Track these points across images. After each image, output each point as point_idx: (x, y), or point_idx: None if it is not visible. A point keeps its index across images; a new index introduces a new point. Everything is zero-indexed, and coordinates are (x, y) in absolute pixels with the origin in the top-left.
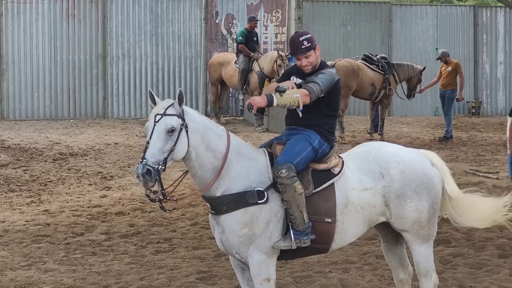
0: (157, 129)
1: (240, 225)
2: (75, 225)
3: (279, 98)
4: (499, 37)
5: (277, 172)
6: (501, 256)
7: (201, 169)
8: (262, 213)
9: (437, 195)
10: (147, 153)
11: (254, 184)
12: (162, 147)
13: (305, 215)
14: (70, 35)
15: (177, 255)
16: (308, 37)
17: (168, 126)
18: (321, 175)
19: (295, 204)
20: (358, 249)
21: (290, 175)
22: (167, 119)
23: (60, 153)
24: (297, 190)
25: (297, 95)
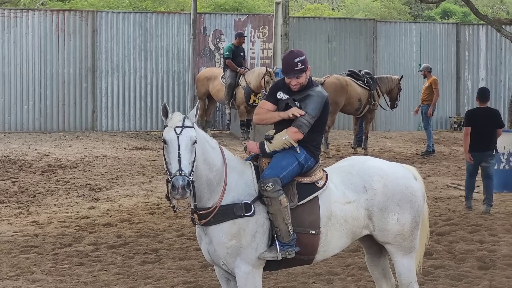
0: (182, 140)
1: (228, 236)
2: (63, 236)
3: (269, 145)
4: (481, 54)
5: (263, 185)
6: (481, 268)
7: (197, 182)
8: (249, 225)
9: (419, 208)
10: (182, 165)
11: (242, 196)
12: (189, 159)
13: (290, 228)
14: (60, 49)
15: (164, 265)
16: (302, 59)
17: (193, 137)
18: (306, 188)
19: (280, 216)
20: (341, 260)
21: (276, 189)
22: (189, 131)
23: (49, 165)
24: (283, 204)
25: (285, 137)
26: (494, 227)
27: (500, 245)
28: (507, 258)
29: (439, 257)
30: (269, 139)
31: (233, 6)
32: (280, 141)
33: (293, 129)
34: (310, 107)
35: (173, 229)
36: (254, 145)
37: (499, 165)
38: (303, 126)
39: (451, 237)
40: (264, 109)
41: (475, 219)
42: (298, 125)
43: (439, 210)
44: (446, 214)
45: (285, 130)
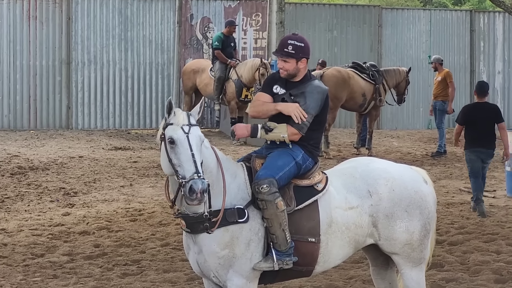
0: (193, 140)
1: (220, 245)
2: (34, 246)
3: (263, 134)
4: (498, 44)
5: (257, 187)
6: (497, 281)
7: None
8: (242, 232)
9: (430, 215)
10: (198, 166)
11: (234, 201)
12: (200, 159)
13: (287, 234)
14: (31, 38)
15: (146, 278)
16: (297, 45)
17: (202, 136)
18: (304, 191)
19: (277, 222)
20: (343, 273)
21: (272, 191)
22: (196, 129)
23: (19, 167)
24: (279, 207)
25: (284, 135)
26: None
27: None
28: None
29: (451, 269)
30: (267, 130)
31: None
32: (276, 136)
33: (293, 131)
34: (310, 106)
35: (157, 237)
36: (243, 128)
37: None
38: (304, 128)
39: (465, 247)
40: (261, 101)
41: (491, 227)
42: (300, 127)
43: (451, 217)
44: (459, 222)
45: (285, 126)
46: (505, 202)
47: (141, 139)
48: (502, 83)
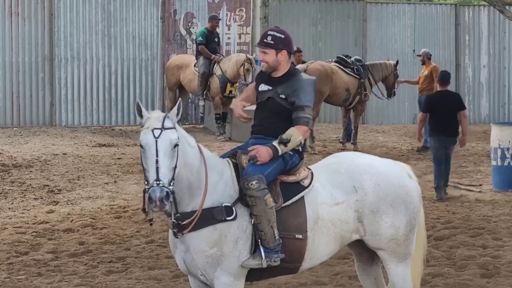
0: (161, 145)
1: (208, 244)
2: (18, 243)
3: (284, 148)
4: (483, 38)
5: (247, 183)
6: (484, 276)
7: (177, 186)
8: (230, 230)
9: (415, 210)
10: (160, 173)
11: (222, 199)
12: (169, 165)
13: (275, 231)
14: (13, 34)
15: (131, 275)
16: (277, 36)
17: (173, 141)
18: (291, 188)
19: (265, 219)
20: (329, 269)
21: (261, 187)
22: (169, 133)
23: (2, 165)
24: (268, 204)
25: (299, 138)
26: (498, 231)
27: (505, 250)
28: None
29: (437, 264)
30: (285, 143)
31: None
32: (294, 143)
33: (304, 128)
34: (306, 98)
35: (142, 235)
36: (265, 152)
37: (503, 161)
38: (310, 122)
39: (451, 242)
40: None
41: (478, 222)
42: (306, 122)
43: (437, 212)
44: (445, 217)
45: (295, 129)
46: (491, 197)
47: (125, 136)
48: (487, 77)
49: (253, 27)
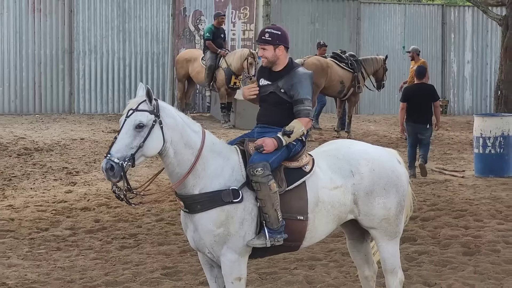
0: (126, 124)
1: (216, 224)
2: (39, 220)
3: (287, 139)
4: (467, 36)
5: (252, 170)
6: (465, 253)
7: (179, 167)
8: (237, 212)
9: (404, 192)
10: (112, 148)
11: (229, 182)
12: (130, 143)
13: (279, 214)
14: (36, 29)
15: (143, 250)
16: (274, 32)
17: (137, 121)
18: (293, 173)
19: (270, 202)
20: (324, 246)
21: (266, 174)
22: (138, 114)
23: (25, 148)
24: (272, 189)
25: (302, 128)
26: (479, 213)
27: (485, 231)
28: (492, 244)
29: (423, 243)
30: (288, 134)
31: None
32: (297, 134)
33: (305, 120)
34: (304, 91)
35: (152, 213)
36: (270, 142)
37: (484, 149)
38: (310, 113)
39: (436, 223)
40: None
41: (460, 204)
42: (307, 113)
43: (423, 195)
44: (430, 199)
45: (298, 121)
46: (473, 182)
47: None
48: (471, 72)
49: (256, 24)
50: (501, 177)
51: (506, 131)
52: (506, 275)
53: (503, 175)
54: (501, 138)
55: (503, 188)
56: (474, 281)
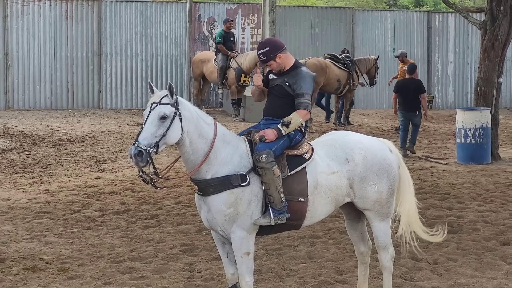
0: (151, 115)
1: (226, 205)
2: (72, 203)
3: (286, 129)
4: (450, 39)
5: (258, 157)
6: (449, 232)
7: (194, 155)
8: (245, 194)
9: (395, 178)
10: (140, 136)
11: (238, 168)
12: (155, 132)
13: (282, 196)
14: (68, 34)
15: (163, 230)
16: (264, 51)
17: (161, 113)
18: (295, 160)
19: (273, 185)
20: (323, 225)
21: (269, 160)
22: (161, 107)
23: (59, 140)
24: (275, 173)
25: (300, 120)
26: (461, 195)
27: (467, 212)
28: (472, 223)
29: None
30: (288, 124)
31: None
32: (295, 124)
33: (304, 112)
34: (306, 87)
35: (171, 197)
36: (271, 133)
37: (466, 139)
38: (309, 106)
39: (423, 204)
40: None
41: (444, 188)
42: (306, 106)
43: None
44: (418, 184)
45: (296, 114)
46: (456, 168)
47: None
48: (453, 71)
49: (263, 29)
50: (481, 164)
51: (484, 123)
52: (485, 251)
53: (482, 162)
54: (480, 129)
55: (482, 173)
56: (457, 256)
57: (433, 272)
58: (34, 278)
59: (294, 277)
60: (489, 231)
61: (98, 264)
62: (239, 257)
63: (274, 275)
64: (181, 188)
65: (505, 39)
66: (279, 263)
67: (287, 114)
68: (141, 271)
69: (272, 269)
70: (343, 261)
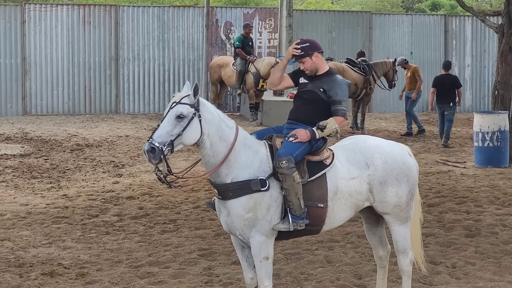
0: (169, 114)
1: (245, 210)
2: (90, 208)
3: (320, 133)
4: (467, 42)
5: (278, 163)
6: (467, 236)
7: (214, 157)
8: (264, 199)
9: (414, 182)
10: (155, 133)
11: (257, 173)
12: (171, 131)
13: (301, 202)
14: (86, 39)
15: (181, 234)
16: (304, 46)
17: (178, 112)
18: (315, 166)
19: (293, 192)
20: (341, 229)
21: (290, 166)
22: (180, 107)
23: (77, 144)
24: (296, 180)
25: (335, 126)
26: (479, 199)
27: (485, 215)
28: (491, 226)
29: (430, 226)
30: (322, 129)
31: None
32: (330, 130)
33: (340, 119)
34: (342, 94)
35: (189, 201)
36: (304, 133)
37: (483, 143)
38: (346, 114)
39: (441, 208)
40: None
41: (462, 192)
42: (343, 113)
43: (429, 183)
44: (435, 187)
45: (333, 119)
46: (473, 172)
47: None
48: (470, 74)
49: (280, 34)
50: (498, 168)
51: (502, 126)
52: (503, 254)
53: (500, 166)
54: (498, 133)
55: (500, 177)
56: (475, 260)
57: (451, 276)
58: (52, 283)
59: (312, 281)
60: (508, 234)
61: (116, 269)
62: (258, 261)
63: (293, 279)
64: (199, 192)
65: None
66: (297, 267)
67: (315, 119)
68: (159, 276)
69: (290, 274)
70: (361, 265)
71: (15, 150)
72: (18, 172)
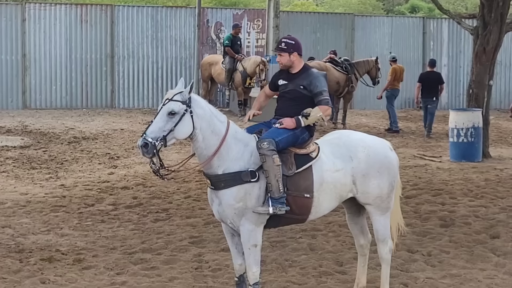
0: (161, 111)
1: (236, 199)
2: (87, 197)
3: (305, 121)
4: (444, 43)
5: (260, 144)
6: (442, 226)
7: (207, 150)
8: (254, 189)
9: (395, 175)
10: (148, 129)
11: (248, 165)
12: (163, 127)
13: (280, 185)
14: (83, 37)
15: (173, 223)
16: (288, 42)
17: (169, 109)
18: (302, 158)
19: (272, 173)
20: (324, 218)
21: (270, 148)
22: (171, 103)
23: (74, 137)
24: (275, 162)
25: (320, 114)
26: (454, 191)
27: (459, 207)
28: (464, 217)
29: (407, 217)
30: (306, 116)
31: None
32: (314, 118)
33: (325, 107)
34: (321, 85)
35: (181, 191)
36: (289, 120)
37: (458, 138)
38: (329, 102)
39: (417, 200)
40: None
41: (438, 185)
42: (326, 102)
43: (407, 176)
44: (413, 180)
45: (317, 108)
46: (449, 166)
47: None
48: (447, 73)
49: (268, 34)
50: (472, 162)
51: (476, 123)
52: (476, 244)
53: (473, 160)
54: (472, 129)
55: (474, 171)
56: (450, 249)
57: (427, 263)
58: (50, 268)
59: (296, 267)
60: (480, 225)
61: (111, 255)
62: (247, 248)
63: (278, 265)
64: (190, 183)
65: (496, 44)
66: (282, 254)
67: (298, 113)
68: (152, 262)
69: (276, 260)
70: (342, 253)
71: (15, 142)
72: (18, 163)
